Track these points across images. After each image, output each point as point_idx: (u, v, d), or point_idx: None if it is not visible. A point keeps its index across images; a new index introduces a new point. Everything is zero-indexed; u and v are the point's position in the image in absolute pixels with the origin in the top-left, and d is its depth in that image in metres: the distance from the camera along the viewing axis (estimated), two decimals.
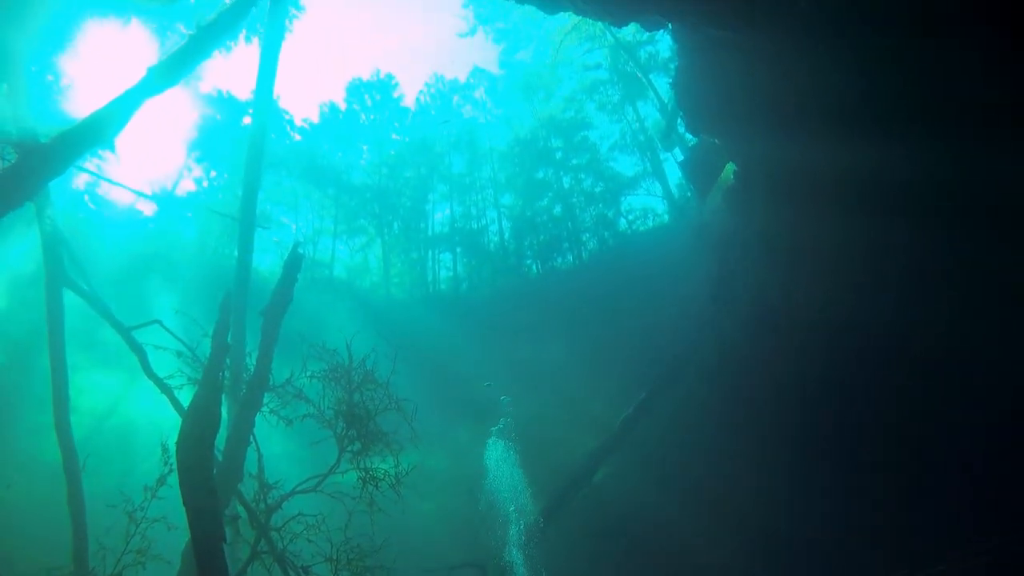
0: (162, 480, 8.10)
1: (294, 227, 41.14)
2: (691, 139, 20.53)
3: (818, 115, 9.54)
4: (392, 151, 41.75)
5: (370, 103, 41.93)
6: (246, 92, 34.29)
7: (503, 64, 42.08)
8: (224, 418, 8.00)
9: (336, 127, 40.62)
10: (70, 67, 19.68)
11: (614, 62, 35.11)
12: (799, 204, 11.16)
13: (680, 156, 26.57)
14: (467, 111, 44.06)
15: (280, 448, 13.52)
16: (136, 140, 28.28)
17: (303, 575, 8.65)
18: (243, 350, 11.27)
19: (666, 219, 34.84)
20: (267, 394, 9.66)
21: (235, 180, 31.06)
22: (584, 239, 37.77)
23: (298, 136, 39.30)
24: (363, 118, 42.01)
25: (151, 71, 8.98)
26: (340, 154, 40.96)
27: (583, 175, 39.53)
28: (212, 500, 6.76)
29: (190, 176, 35.13)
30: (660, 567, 13.47)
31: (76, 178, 25.76)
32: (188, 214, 34.96)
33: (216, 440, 7.46)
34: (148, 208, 33.09)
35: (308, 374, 9.87)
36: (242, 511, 9.44)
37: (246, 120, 32.65)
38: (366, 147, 42.28)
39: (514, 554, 14.05)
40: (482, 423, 19.16)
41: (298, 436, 10.46)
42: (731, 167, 14.49)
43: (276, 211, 40.19)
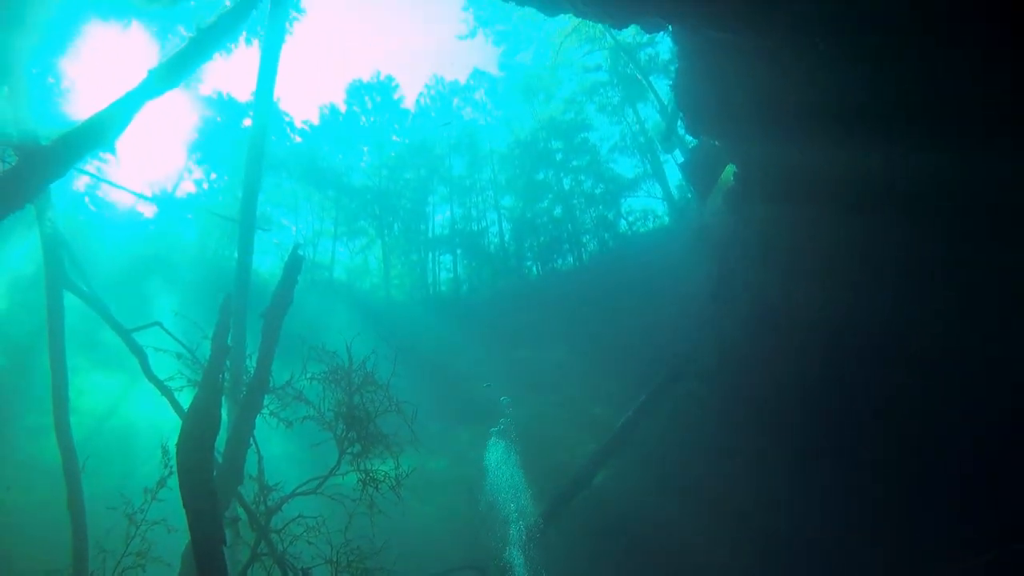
0: (162, 482, 8.09)
1: (294, 229, 41.19)
2: (691, 141, 20.53)
3: (817, 116, 9.55)
4: (392, 153, 41.78)
5: (370, 105, 41.98)
6: (246, 94, 34.38)
7: (503, 66, 42.17)
8: (224, 420, 7.99)
9: (336, 129, 40.66)
10: (71, 69, 19.72)
11: (614, 64, 35.16)
12: (799, 204, 11.17)
13: (680, 158, 26.58)
14: (467, 113, 44.16)
15: (280, 450, 13.52)
16: (136, 142, 28.35)
17: None
18: (243, 352, 11.26)
19: (666, 221, 34.89)
20: (267, 396, 9.64)
21: (235, 182, 31.08)
22: (584, 240, 37.82)
23: (298, 138, 39.34)
24: (363, 120, 42.06)
25: (151, 73, 9.00)
26: (340, 156, 40.99)
27: (583, 177, 39.58)
28: (212, 502, 6.75)
29: (190, 178, 35.21)
30: (660, 566, 13.47)
31: (76, 180, 25.81)
32: (188, 216, 35.00)
33: (216, 442, 7.46)
34: (148, 210, 33.17)
35: (308, 376, 9.86)
36: (242, 513, 9.43)
37: (246, 122, 32.71)
38: (366, 149, 42.32)
39: (514, 554, 14.04)
40: (482, 424, 19.15)
41: (298, 438, 10.45)
42: (731, 169, 14.50)
43: (276, 213, 40.22)
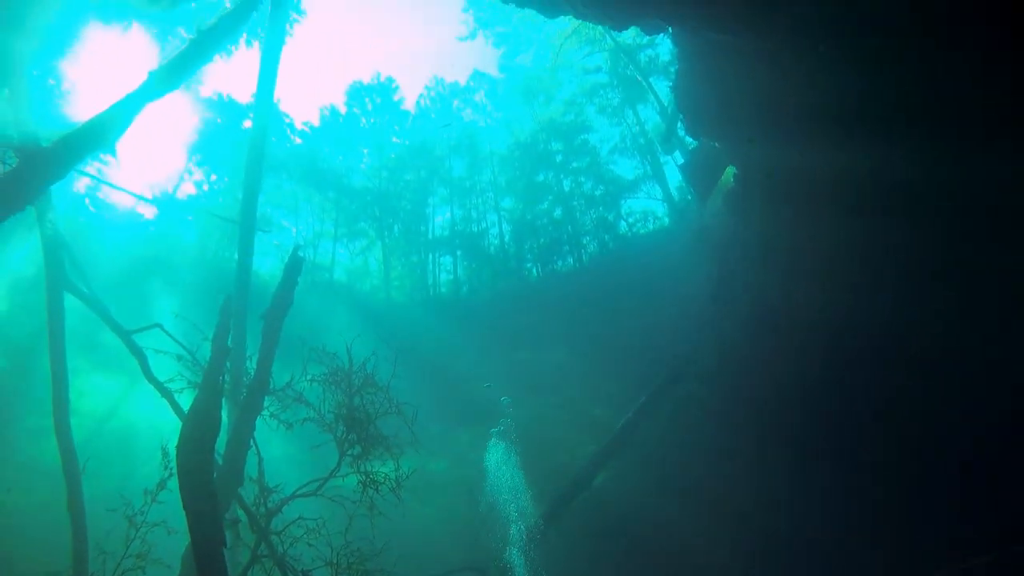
0: (162, 484, 8.07)
1: (294, 230, 41.23)
2: (691, 142, 20.55)
3: (817, 118, 9.57)
4: (392, 154, 41.82)
5: (370, 106, 42.03)
6: (247, 96, 34.46)
7: (503, 68, 42.24)
8: (224, 422, 7.99)
9: (336, 130, 40.71)
10: (71, 71, 19.75)
11: (614, 66, 35.19)
12: (798, 206, 11.19)
13: (680, 159, 26.59)
14: (467, 114, 44.22)
15: (280, 452, 13.51)
16: (137, 144, 28.34)
17: None
18: (243, 354, 11.25)
19: (666, 222, 34.92)
20: (267, 398, 9.63)
21: (235, 183, 31.09)
22: (584, 242, 37.85)
23: (299, 139, 39.39)
24: (363, 121, 42.11)
25: (152, 75, 9.00)
26: (340, 157, 41.04)
27: (583, 178, 39.61)
28: (212, 504, 6.74)
29: (191, 179, 35.24)
30: (660, 567, 13.45)
31: (77, 182, 25.86)
32: (189, 217, 35.04)
33: (216, 444, 7.45)
34: (149, 211, 33.21)
35: (308, 378, 9.85)
36: (242, 515, 9.42)
37: (246, 123, 32.76)
38: (366, 150, 42.36)
39: (514, 555, 14.03)
40: (482, 425, 19.14)
41: (298, 440, 10.44)
42: (731, 170, 14.51)
43: (276, 214, 40.26)
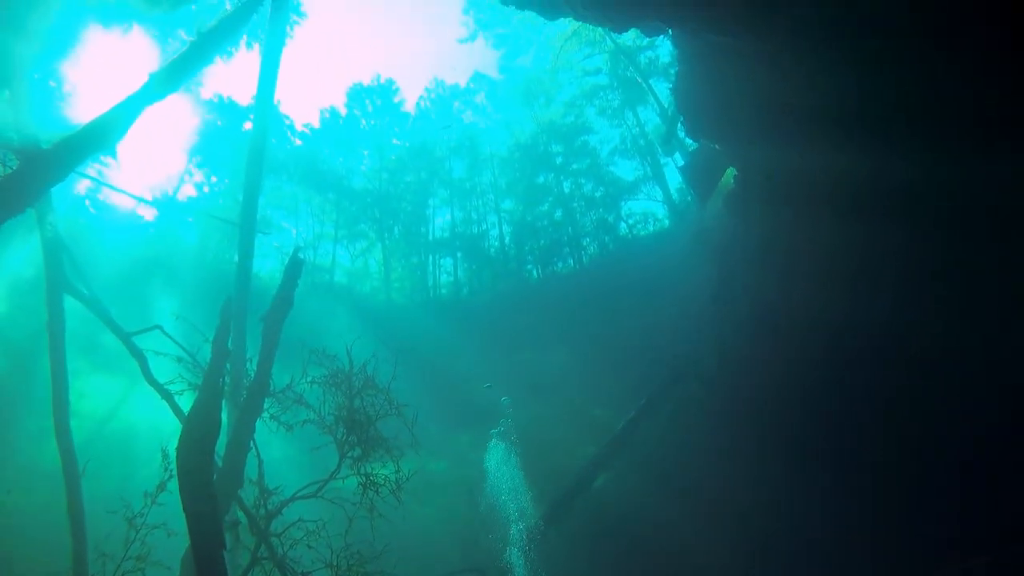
0: (162, 486, 8.06)
1: (295, 232, 41.30)
2: (691, 144, 20.58)
3: (816, 119, 9.57)
4: (393, 156, 41.87)
5: (371, 108, 42.09)
6: (247, 97, 34.56)
7: (503, 69, 42.32)
8: (224, 423, 7.99)
9: (337, 132, 40.76)
10: (72, 73, 19.78)
11: (614, 67, 35.23)
12: (798, 207, 11.19)
13: (681, 161, 26.62)
14: (467, 116, 44.29)
15: (280, 453, 13.51)
16: (137, 145, 28.43)
17: None
18: (244, 355, 11.25)
19: (666, 223, 34.93)
20: (267, 399, 9.63)
21: (236, 185, 31.12)
22: (585, 243, 37.88)
23: (299, 141, 39.46)
24: (364, 123, 42.18)
25: (153, 77, 9.01)
26: (341, 159, 41.10)
27: (583, 180, 39.64)
28: (212, 506, 6.74)
29: (191, 181, 35.29)
30: (660, 567, 13.44)
31: (77, 183, 25.88)
32: (189, 219, 35.07)
33: (216, 446, 7.45)
34: (149, 213, 33.25)
35: (308, 379, 9.85)
36: (242, 517, 9.41)
37: (247, 125, 32.79)
38: (367, 152, 42.43)
39: (514, 555, 14.02)
40: (482, 426, 19.14)
41: (298, 441, 10.44)
42: (731, 172, 14.52)
43: (277, 216, 40.31)
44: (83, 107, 20.00)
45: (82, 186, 27.17)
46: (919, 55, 7.86)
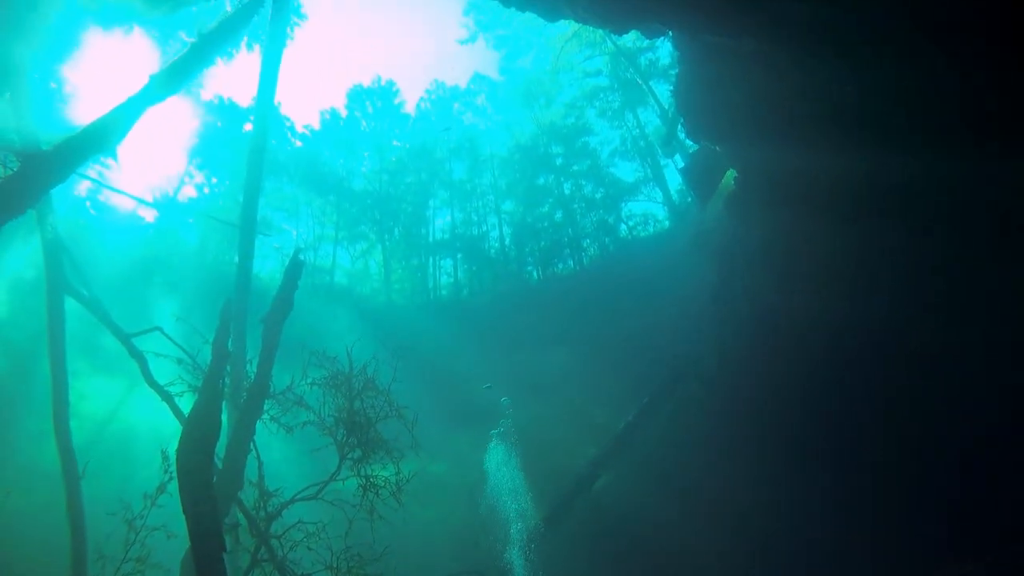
0: (162, 488, 8.06)
1: (295, 233, 41.32)
2: (692, 146, 20.59)
3: (815, 120, 9.57)
4: (393, 157, 41.91)
5: (371, 110, 42.13)
6: (247, 99, 34.63)
7: (504, 71, 42.36)
8: (224, 425, 7.98)
9: (337, 133, 40.80)
10: (73, 75, 19.79)
11: (614, 69, 35.25)
12: (798, 208, 11.19)
13: (681, 162, 26.65)
14: (468, 118, 44.31)
15: (280, 455, 13.50)
16: (138, 147, 28.42)
17: None
18: (244, 357, 11.24)
19: (667, 225, 34.91)
20: (267, 401, 9.63)
21: (236, 186, 31.13)
22: (585, 245, 37.85)
23: (299, 143, 39.51)
24: (364, 125, 42.21)
25: (153, 79, 9.01)
26: (341, 160, 41.14)
27: (584, 181, 39.65)
28: (212, 508, 6.73)
29: (191, 182, 35.33)
30: (660, 567, 13.41)
31: (78, 185, 25.90)
32: (189, 220, 35.10)
33: (216, 447, 7.45)
34: (149, 214, 33.27)
35: (309, 381, 9.86)
36: (242, 519, 9.41)
37: (247, 127, 32.85)
38: (367, 153, 42.45)
39: (514, 555, 14.01)
40: (483, 428, 19.14)
41: (298, 443, 10.44)
42: (732, 173, 14.51)
43: (277, 217, 40.35)
44: (84, 109, 20.01)
45: (83, 187, 27.21)
46: (917, 57, 7.86)
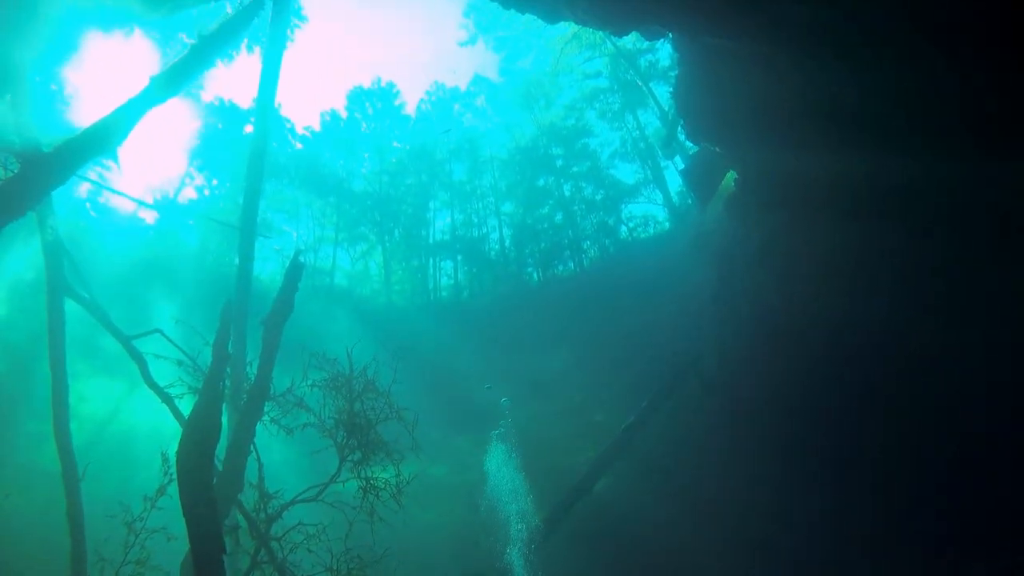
0: (162, 490, 8.05)
1: (295, 235, 41.34)
2: (692, 147, 20.61)
3: (815, 121, 9.57)
4: (393, 159, 41.95)
5: (371, 111, 42.18)
6: (248, 101, 34.69)
7: (504, 72, 42.41)
8: (224, 427, 7.98)
9: (337, 135, 40.84)
10: (73, 77, 19.82)
11: (614, 70, 35.30)
12: (797, 209, 11.20)
13: (681, 164, 26.65)
14: (468, 119, 44.38)
15: (280, 457, 13.48)
16: (138, 148, 28.44)
17: None
18: (244, 359, 11.23)
19: (667, 226, 34.93)
20: (268, 403, 9.63)
21: (236, 188, 31.19)
22: (585, 246, 37.89)
23: (299, 144, 39.55)
24: (364, 126, 42.25)
25: (154, 81, 9.02)
26: (341, 162, 41.17)
27: (584, 183, 39.68)
28: (212, 510, 6.72)
29: (191, 184, 35.39)
30: (660, 566, 13.38)
31: (78, 186, 25.92)
32: (189, 222, 35.13)
33: (216, 449, 7.44)
34: (150, 216, 33.30)
35: (309, 383, 9.85)
36: (242, 521, 9.39)
37: (247, 128, 32.89)
38: (367, 155, 42.49)
39: (514, 555, 13.98)
40: (483, 430, 19.13)
41: (298, 445, 10.43)
42: (732, 175, 14.52)
43: (277, 219, 40.38)
44: (84, 111, 20.04)
45: (83, 189, 27.23)
46: (916, 59, 7.86)
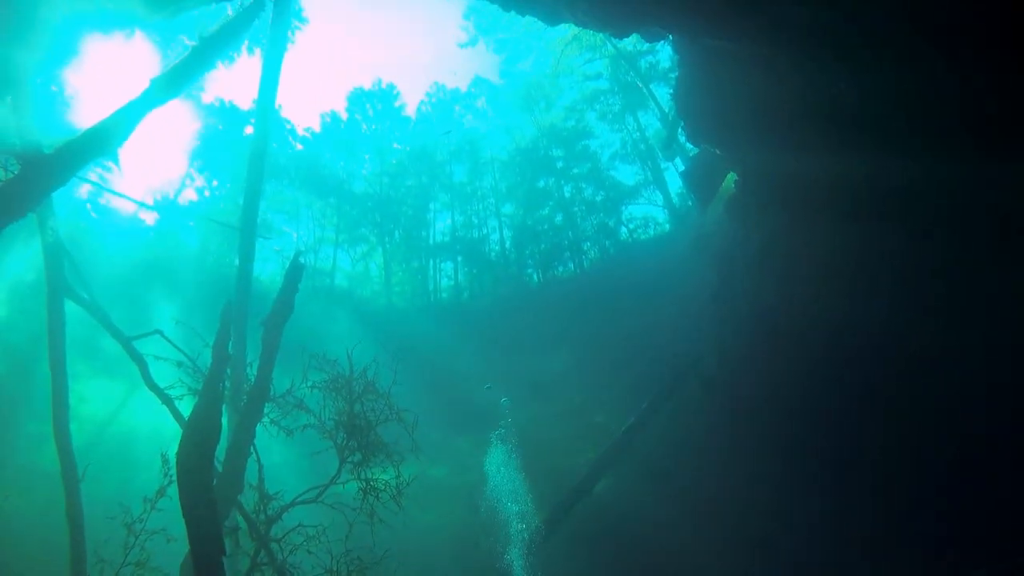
0: (162, 491, 8.05)
1: (295, 236, 41.31)
2: (692, 149, 20.62)
3: (816, 124, 9.58)
4: (393, 160, 41.96)
5: (372, 112, 42.21)
6: (248, 102, 34.70)
7: (504, 74, 42.43)
8: (224, 428, 7.97)
9: (338, 136, 40.85)
10: (74, 78, 19.81)
11: (615, 72, 35.32)
12: (797, 211, 11.20)
13: (681, 166, 26.68)
14: (468, 121, 44.41)
15: (280, 458, 13.48)
16: (139, 150, 28.45)
17: None
18: (244, 360, 11.23)
19: (667, 228, 34.93)
20: (268, 404, 9.63)
21: (237, 189, 31.21)
22: (585, 248, 37.87)
23: (300, 145, 39.55)
24: (364, 127, 42.27)
25: (154, 82, 9.04)
26: (342, 163, 41.18)
27: (584, 184, 39.69)
28: (212, 511, 6.72)
29: (192, 185, 35.39)
30: (660, 566, 13.37)
31: (79, 188, 25.91)
32: (190, 223, 35.13)
33: (216, 450, 7.44)
34: (150, 217, 33.31)
35: (309, 384, 9.85)
36: (242, 522, 9.39)
37: (248, 130, 32.90)
38: (367, 156, 42.50)
39: (514, 555, 13.97)
40: (483, 431, 19.12)
41: (298, 446, 10.42)
42: (732, 176, 14.53)
43: (277, 220, 40.37)
44: (85, 112, 20.04)
45: (83, 190, 27.21)
46: (916, 60, 7.86)
